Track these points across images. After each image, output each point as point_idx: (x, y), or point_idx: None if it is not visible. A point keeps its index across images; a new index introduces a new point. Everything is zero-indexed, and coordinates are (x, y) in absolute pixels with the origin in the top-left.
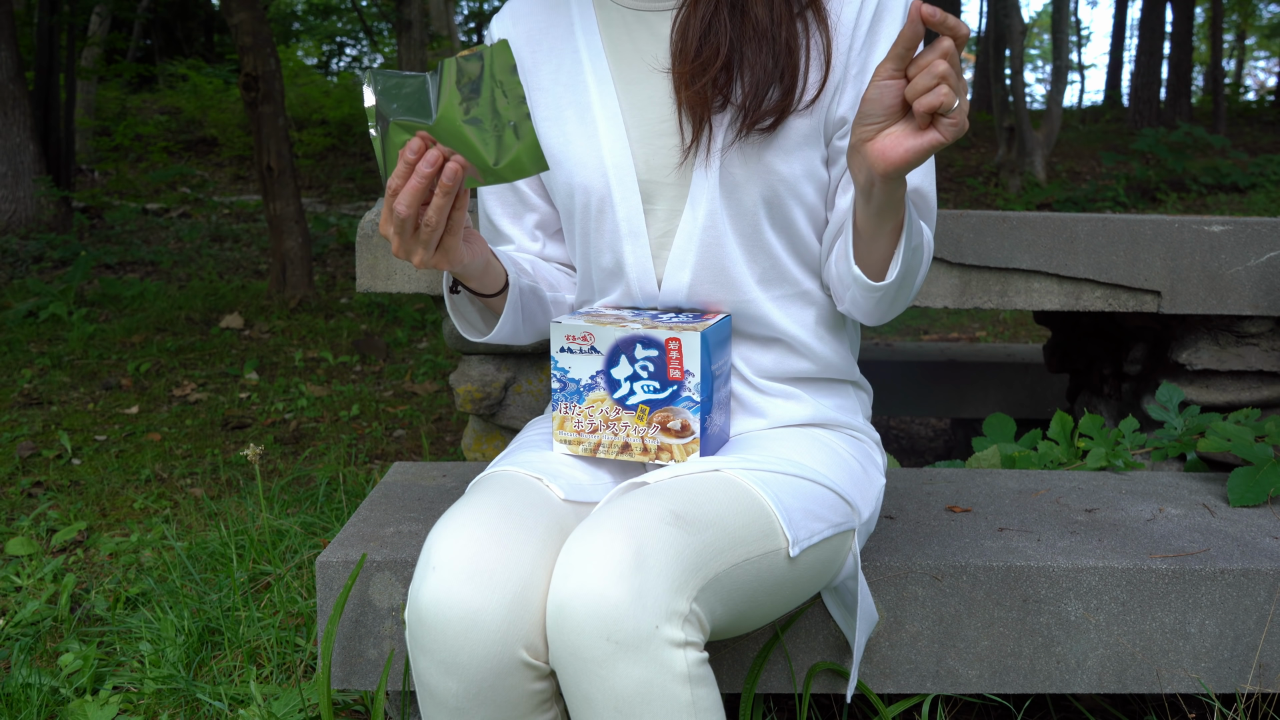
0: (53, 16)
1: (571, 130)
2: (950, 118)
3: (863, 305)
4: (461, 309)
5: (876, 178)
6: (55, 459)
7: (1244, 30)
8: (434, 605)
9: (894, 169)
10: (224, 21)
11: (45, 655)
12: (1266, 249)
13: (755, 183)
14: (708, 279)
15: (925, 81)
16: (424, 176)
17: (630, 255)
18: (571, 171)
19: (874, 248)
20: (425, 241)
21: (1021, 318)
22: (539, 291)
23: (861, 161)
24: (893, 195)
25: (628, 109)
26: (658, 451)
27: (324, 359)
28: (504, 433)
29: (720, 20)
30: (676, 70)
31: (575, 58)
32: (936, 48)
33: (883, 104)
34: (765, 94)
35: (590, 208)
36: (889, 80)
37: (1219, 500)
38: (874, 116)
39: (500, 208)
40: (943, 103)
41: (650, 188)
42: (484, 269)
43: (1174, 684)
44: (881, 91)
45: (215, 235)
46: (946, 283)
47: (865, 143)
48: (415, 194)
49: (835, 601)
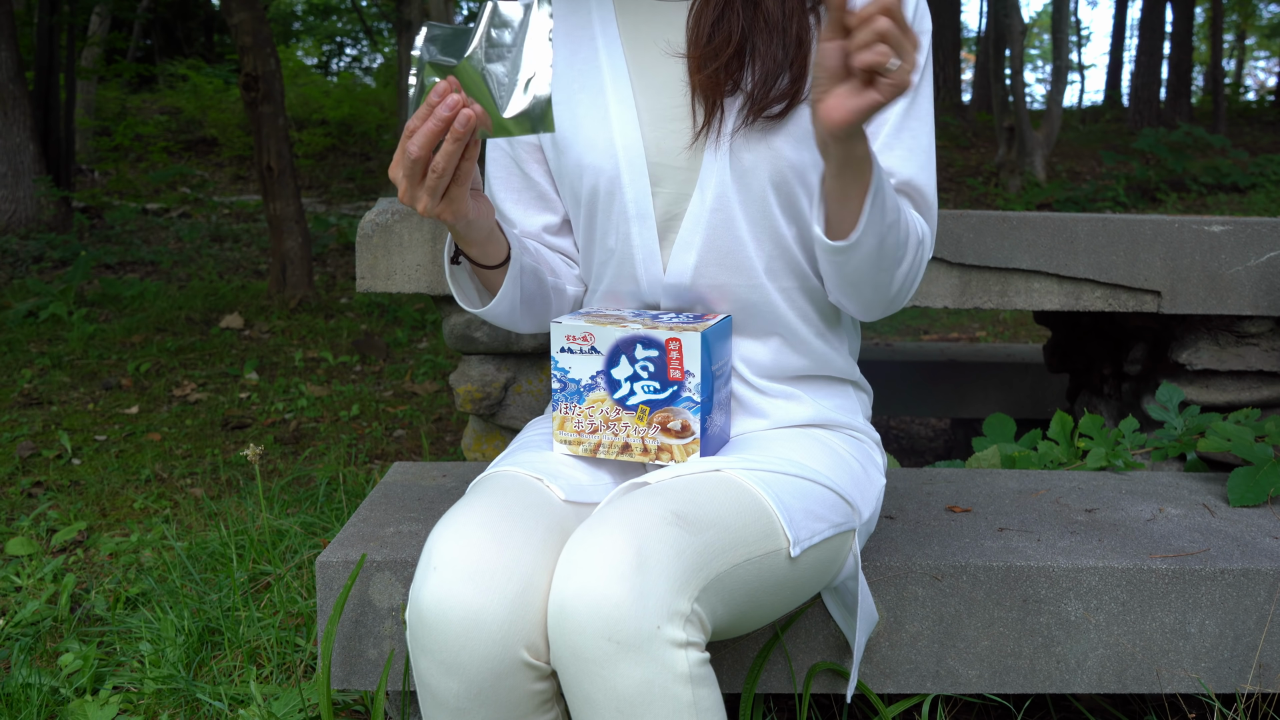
0: (53, 16)
1: (583, 112)
2: (889, 77)
3: (830, 276)
4: (460, 281)
5: (828, 138)
6: (55, 459)
7: (1244, 30)
8: (435, 605)
9: (837, 128)
10: (224, 21)
11: (45, 655)
12: (1266, 249)
13: (764, 167)
14: (713, 261)
15: (864, 37)
16: (441, 120)
17: (637, 237)
18: (582, 153)
19: (843, 213)
20: (431, 188)
21: (1021, 318)
22: (540, 274)
23: (815, 123)
24: (851, 154)
25: (640, 93)
26: (658, 452)
27: (324, 359)
28: (504, 433)
29: (733, 10)
30: (691, 55)
31: (591, 43)
32: (878, 2)
33: (824, 66)
34: (775, 83)
35: (599, 189)
36: (829, 42)
37: (1219, 500)
38: (820, 80)
39: (505, 191)
40: (876, 61)
41: (659, 170)
42: (488, 236)
43: (1174, 684)
44: (824, 53)
45: (215, 235)
46: (946, 283)
47: (815, 103)
48: (429, 136)
49: (835, 601)
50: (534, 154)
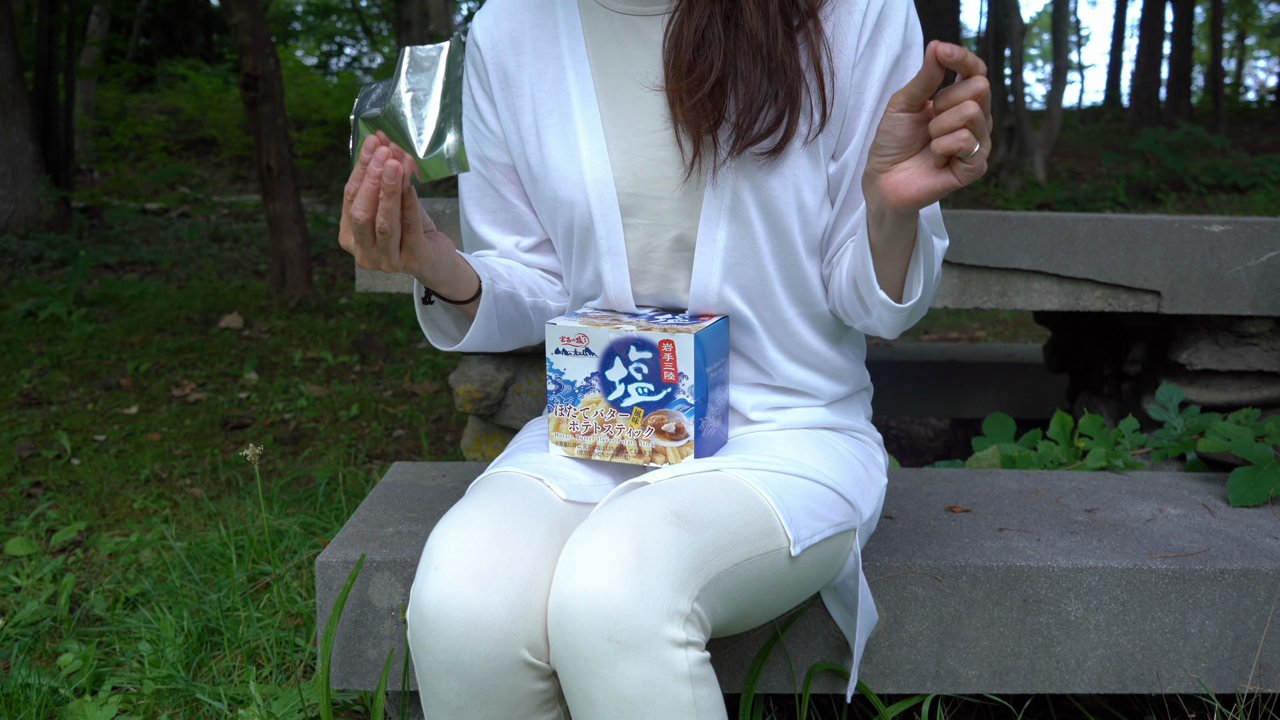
0: (52, 16)
1: (553, 141)
2: (968, 162)
3: (888, 323)
4: (435, 318)
5: (887, 210)
6: (55, 459)
7: (1244, 30)
8: (436, 605)
9: (905, 206)
10: (223, 21)
11: (45, 655)
12: (1266, 249)
13: (755, 197)
14: (734, 290)
15: (950, 121)
16: (375, 177)
17: (609, 274)
18: (556, 186)
19: (886, 266)
20: (385, 247)
21: (1021, 318)
22: (517, 297)
23: (874, 192)
24: (905, 224)
25: (610, 120)
26: (652, 454)
27: (323, 359)
28: (504, 433)
29: (714, 32)
30: (670, 85)
31: (559, 63)
32: (969, 86)
33: (895, 137)
34: (759, 112)
35: (574, 225)
36: (903, 114)
37: (1219, 500)
38: (887, 149)
39: (480, 213)
40: (963, 148)
41: (634, 202)
42: (453, 271)
43: (1174, 684)
44: (895, 124)
45: (215, 235)
46: (946, 283)
47: (879, 174)
48: (369, 197)
49: (835, 601)
50: (509, 175)
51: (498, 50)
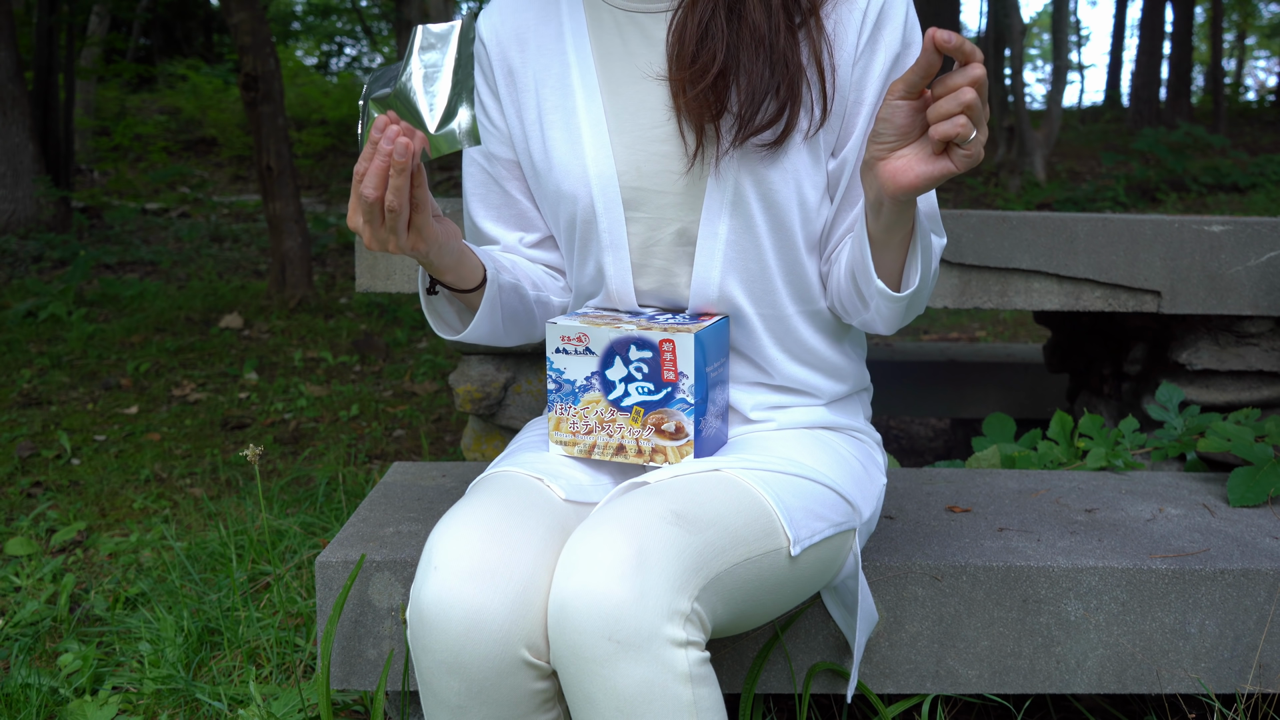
0: (52, 16)
1: (557, 136)
2: (965, 149)
3: (886, 316)
4: (439, 309)
5: (885, 198)
6: (55, 459)
7: (1244, 30)
8: (436, 605)
9: (903, 192)
10: (223, 21)
11: (45, 655)
12: (1266, 249)
13: (757, 190)
14: (736, 284)
15: (948, 107)
16: (385, 154)
17: (610, 267)
18: (559, 180)
19: (884, 257)
20: (393, 226)
21: (1021, 318)
22: (521, 289)
23: (872, 180)
24: (903, 213)
25: (614, 115)
26: (652, 454)
27: (323, 359)
28: (504, 433)
29: (717, 24)
30: (674, 76)
31: (563, 59)
32: (967, 73)
33: (894, 124)
34: (761, 103)
35: (577, 219)
36: (901, 101)
37: (1219, 500)
38: (885, 136)
39: (484, 209)
40: (960, 133)
41: (636, 195)
42: (458, 258)
43: (1174, 684)
44: (893, 112)
45: (215, 235)
46: (946, 283)
47: (877, 161)
48: (379, 174)
49: (835, 601)
50: (513, 171)
51: (502, 46)
